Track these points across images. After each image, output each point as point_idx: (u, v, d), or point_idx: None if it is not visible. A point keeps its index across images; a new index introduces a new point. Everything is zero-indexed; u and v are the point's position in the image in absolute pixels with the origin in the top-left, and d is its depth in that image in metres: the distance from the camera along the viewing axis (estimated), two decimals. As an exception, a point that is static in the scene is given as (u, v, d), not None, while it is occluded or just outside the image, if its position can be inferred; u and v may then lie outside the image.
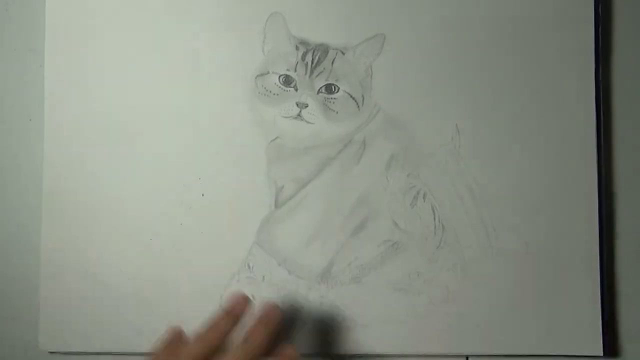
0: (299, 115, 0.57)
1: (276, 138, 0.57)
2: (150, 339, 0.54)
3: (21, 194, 0.59)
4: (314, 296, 0.56)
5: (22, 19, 0.59)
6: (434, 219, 0.56)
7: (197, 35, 0.57)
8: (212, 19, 0.57)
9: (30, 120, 0.59)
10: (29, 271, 0.58)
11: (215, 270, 0.56)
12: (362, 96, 0.57)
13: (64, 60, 0.57)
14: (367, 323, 0.56)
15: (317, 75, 0.57)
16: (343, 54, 0.57)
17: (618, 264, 0.57)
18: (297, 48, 0.57)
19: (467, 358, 0.56)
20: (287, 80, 0.57)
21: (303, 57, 0.57)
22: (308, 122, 0.57)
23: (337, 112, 0.57)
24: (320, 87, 0.57)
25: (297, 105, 0.56)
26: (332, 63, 0.57)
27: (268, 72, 0.57)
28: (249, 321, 0.48)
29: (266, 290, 0.56)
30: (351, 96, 0.57)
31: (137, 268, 0.56)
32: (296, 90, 0.57)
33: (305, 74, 0.57)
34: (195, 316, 0.56)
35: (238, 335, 0.48)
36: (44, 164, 0.57)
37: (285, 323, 0.55)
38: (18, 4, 0.59)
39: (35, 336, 0.57)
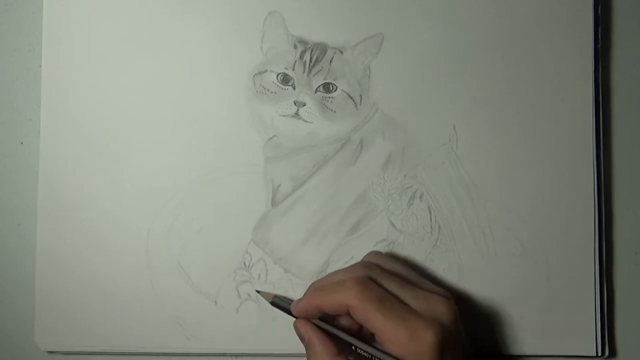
0: (296, 114, 0.56)
1: (273, 136, 0.57)
2: (149, 338, 0.54)
3: (17, 192, 0.59)
4: (310, 295, 0.56)
5: (21, 18, 0.59)
6: (431, 219, 0.56)
7: (195, 34, 0.57)
8: (210, 17, 0.57)
9: (30, 120, 0.59)
10: (26, 270, 0.57)
11: (210, 269, 0.56)
12: (360, 96, 0.57)
13: (62, 60, 0.57)
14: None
15: (315, 74, 0.56)
16: (342, 53, 0.57)
17: (615, 265, 0.57)
18: (295, 47, 0.57)
19: None
20: (285, 79, 0.57)
21: (301, 56, 0.57)
22: (305, 121, 0.57)
23: (334, 111, 0.57)
24: (318, 86, 0.56)
25: (295, 103, 0.56)
26: (331, 62, 0.57)
27: (266, 71, 0.57)
28: None
29: (261, 288, 0.56)
30: (349, 95, 0.57)
31: (134, 266, 0.56)
32: (294, 88, 0.57)
33: (304, 72, 0.56)
34: (192, 313, 0.56)
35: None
36: (40, 162, 0.57)
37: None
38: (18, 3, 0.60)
39: (33, 336, 0.57)
